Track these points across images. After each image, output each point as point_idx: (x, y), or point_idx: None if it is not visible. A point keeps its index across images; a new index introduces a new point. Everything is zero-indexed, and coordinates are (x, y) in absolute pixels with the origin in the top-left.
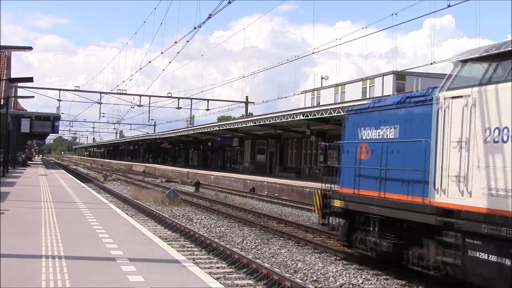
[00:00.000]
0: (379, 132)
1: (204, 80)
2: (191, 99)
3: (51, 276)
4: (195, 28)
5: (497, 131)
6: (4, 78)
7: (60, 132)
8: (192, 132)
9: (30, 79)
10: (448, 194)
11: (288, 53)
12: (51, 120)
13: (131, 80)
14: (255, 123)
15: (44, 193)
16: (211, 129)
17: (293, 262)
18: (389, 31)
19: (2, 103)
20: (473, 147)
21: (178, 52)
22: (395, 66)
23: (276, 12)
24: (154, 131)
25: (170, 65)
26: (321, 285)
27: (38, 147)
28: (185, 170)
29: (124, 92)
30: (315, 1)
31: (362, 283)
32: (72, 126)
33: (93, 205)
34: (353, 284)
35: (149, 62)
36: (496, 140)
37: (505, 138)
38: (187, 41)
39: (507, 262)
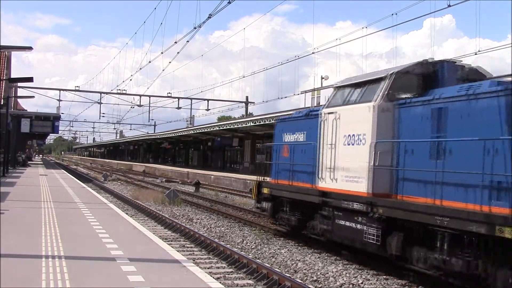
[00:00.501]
0: (294, 137)
1: (204, 80)
2: (191, 99)
3: (51, 276)
4: (195, 28)
5: (351, 137)
6: (4, 78)
7: (60, 132)
8: (192, 132)
9: (30, 79)
10: (325, 181)
11: (289, 53)
12: (51, 120)
13: (131, 80)
14: (255, 123)
15: (44, 193)
16: (211, 129)
17: (293, 262)
18: (389, 31)
19: (2, 103)
20: (338, 148)
21: (178, 52)
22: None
23: (276, 12)
24: (154, 131)
25: (170, 65)
26: (321, 285)
27: (38, 147)
28: (185, 170)
29: (124, 92)
30: (315, 1)
31: (362, 283)
32: (72, 126)
33: (93, 205)
34: (353, 284)
35: (149, 62)
36: (350, 143)
37: (357, 142)
38: (187, 41)
39: (355, 225)
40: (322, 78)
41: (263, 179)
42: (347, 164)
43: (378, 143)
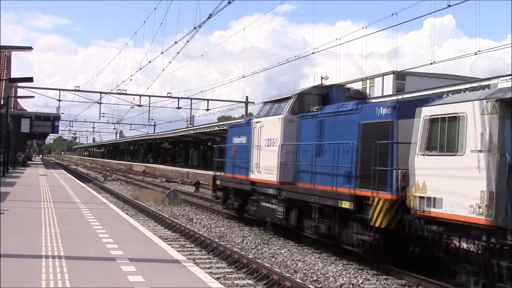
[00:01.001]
0: (239, 140)
1: (205, 80)
2: (191, 99)
3: (51, 276)
4: (195, 28)
5: (269, 140)
6: (4, 78)
7: (60, 132)
8: (192, 132)
9: (30, 79)
10: (254, 174)
11: (289, 53)
12: (51, 120)
13: (131, 80)
14: None
15: (44, 193)
16: (211, 129)
17: (293, 262)
18: (389, 31)
19: (2, 103)
20: (261, 149)
21: (178, 52)
22: (395, 66)
23: (277, 12)
24: (154, 131)
25: (170, 65)
26: (321, 285)
27: (38, 147)
28: (185, 170)
29: (124, 92)
30: (315, 1)
31: (362, 283)
32: (72, 126)
33: (93, 205)
34: (353, 284)
35: (149, 62)
36: (269, 145)
37: (272, 144)
38: (187, 41)
39: (271, 205)
40: (322, 78)
41: (219, 173)
42: (266, 160)
43: (283, 145)
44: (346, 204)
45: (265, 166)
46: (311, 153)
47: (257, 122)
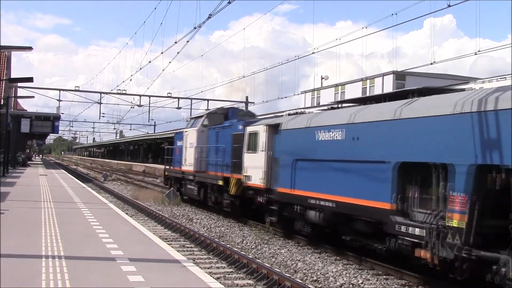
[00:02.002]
0: (180, 142)
1: (205, 80)
2: (191, 99)
3: (51, 276)
4: (195, 28)
5: (190, 143)
6: (4, 78)
7: (60, 132)
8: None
9: (30, 79)
10: (183, 166)
11: (289, 53)
12: (51, 120)
13: (131, 80)
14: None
15: (44, 193)
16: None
17: (293, 262)
18: (389, 31)
19: (2, 103)
20: (187, 149)
21: (178, 52)
22: (396, 66)
23: (277, 12)
24: (154, 131)
25: (171, 65)
26: (321, 285)
27: (38, 147)
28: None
29: (124, 92)
30: (316, 0)
31: (362, 283)
32: (72, 126)
33: (93, 205)
34: (353, 284)
35: (149, 62)
36: (190, 147)
37: (192, 146)
38: (187, 41)
39: (191, 187)
40: (322, 78)
41: (169, 167)
42: (189, 157)
43: (197, 146)
44: (220, 182)
45: (188, 161)
46: (213, 152)
47: (185, 131)
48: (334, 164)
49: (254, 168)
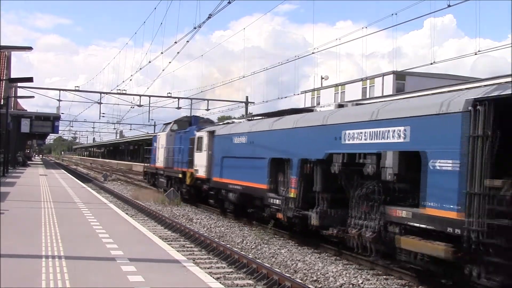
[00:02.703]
0: (155, 144)
1: (205, 80)
2: (191, 99)
3: (51, 276)
4: (195, 28)
5: (162, 145)
6: (4, 78)
7: (60, 132)
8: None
9: (30, 79)
10: (157, 163)
11: (290, 53)
12: (51, 120)
13: (131, 80)
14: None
15: (44, 193)
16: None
17: (293, 262)
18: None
19: (2, 103)
20: (159, 149)
21: (178, 52)
22: (396, 66)
23: (277, 12)
24: (154, 131)
25: (171, 65)
26: (321, 285)
27: (38, 147)
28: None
29: (124, 92)
30: (316, 0)
31: (362, 283)
32: (72, 126)
33: (93, 205)
34: (353, 284)
35: (149, 62)
36: (162, 147)
37: (163, 147)
38: (187, 41)
39: (162, 180)
40: (322, 78)
41: (148, 164)
42: (160, 156)
43: (166, 147)
44: (180, 175)
45: (160, 159)
46: (176, 152)
47: (159, 135)
48: (241, 159)
49: (200, 164)
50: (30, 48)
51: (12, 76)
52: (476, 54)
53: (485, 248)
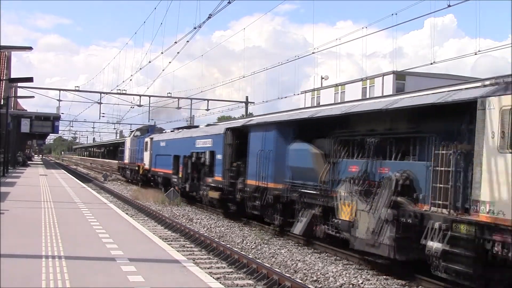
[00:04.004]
0: (125, 145)
1: (206, 80)
2: (191, 99)
3: (51, 276)
4: (195, 28)
5: (131, 146)
6: (4, 78)
7: (60, 132)
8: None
9: (30, 79)
10: (124, 160)
11: (290, 53)
12: (51, 120)
13: (131, 80)
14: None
15: (44, 193)
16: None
17: (293, 262)
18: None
19: (2, 103)
20: (126, 150)
21: (178, 52)
22: (396, 66)
23: (277, 12)
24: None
25: (171, 65)
26: (321, 285)
27: (38, 147)
28: None
29: (124, 92)
30: (316, 0)
31: (362, 283)
32: (72, 126)
33: (93, 205)
34: (353, 284)
35: (149, 62)
36: (130, 149)
37: (130, 148)
38: (187, 41)
39: (128, 172)
40: (322, 78)
41: (123, 162)
42: (127, 155)
43: (129, 148)
44: (136, 168)
45: (126, 157)
46: (136, 152)
47: (127, 139)
48: (163, 156)
49: (146, 159)
50: (30, 48)
51: (12, 76)
52: (476, 54)
53: (233, 188)
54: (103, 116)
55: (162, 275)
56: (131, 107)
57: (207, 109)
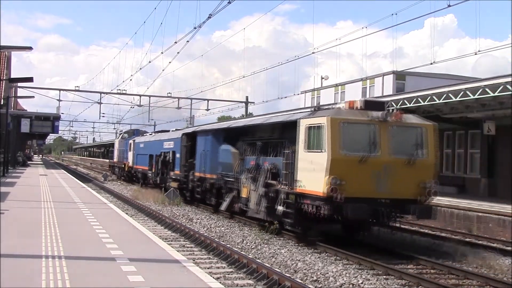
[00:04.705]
0: (115, 146)
1: (206, 80)
2: (191, 99)
3: (51, 276)
4: (195, 28)
5: (118, 146)
6: (4, 78)
7: (60, 132)
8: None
9: (30, 79)
10: (113, 159)
11: (291, 53)
12: (51, 120)
13: (131, 80)
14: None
15: (44, 193)
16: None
17: (293, 262)
18: (390, 31)
19: (2, 103)
20: (115, 150)
21: (178, 52)
22: (397, 66)
23: (277, 12)
24: (154, 129)
25: (172, 65)
26: (321, 285)
27: (38, 147)
28: None
29: (124, 92)
30: (316, 0)
31: (362, 283)
32: (72, 126)
33: (93, 205)
34: (353, 284)
35: (149, 62)
36: (117, 149)
37: (118, 149)
38: (187, 41)
39: (116, 170)
40: (322, 78)
41: (113, 160)
42: (116, 154)
43: (118, 149)
44: (122, 166)
45: (115, 156)
46: (123, 152)
47: (116, 141)
48: (141, 155)
49: (130, 158)
50: (30, 48)
51: (12, 76)
52: (476, 54)
53: (187, 179)
54: (103, 116)
55: (162, 275)
56: (131, 107)
57: (207, 109)
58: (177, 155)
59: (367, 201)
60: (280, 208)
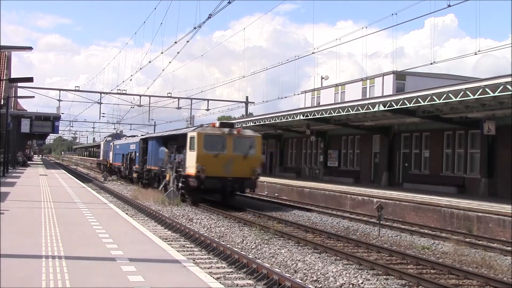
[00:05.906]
0: (101, 147)
1: (206, 80)
2: (191, 99)
3: (51, 276)
4: (195, 28)
5: (102, 148)
6: (4, 78)
7: (60, 132)
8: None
9: (30, 79)
10: (100, 158)
11: (291, 53)
12: (51, 120)
13: (131, 80)
14: (255, 123)
15: (44, 193)
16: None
17: (293, 262)
18: (390, 31)
19: (2, 103)
20: (102, 150)
21: (178, 52)
22: (397, 66)
23: (278, 12)
24: (154, 131)
25: (172, 65)
26: (321, 285)
27: (38, 147)
28: None
29: (124, 92)
30: (316, 0)
31: (362, 283)
32: (72, 126)
33: (93, 205)
34: (353, 284)
35: (149, 62)
36: (103, 149)
37: (102, 149)
38: (187, 41)
39: (102, 167)
40: (322, 78)
41: (104, 160)
42: (101, 154)
43: (103, 149)
44: (106, 163)
45: (101, 155)
46: (106, 152)
47: (101, 142)
48: (118, 154)
49: (111, 157)
50: (30, 48)
51: (12, 76)
52: (476, 54)
53: (142, 171)
54: (103, 116)
55: (162, 275)
56: (131, 107)
57: (207, 109)
58: (137, 154)
59: (219, 178)
60: (180, 184)
